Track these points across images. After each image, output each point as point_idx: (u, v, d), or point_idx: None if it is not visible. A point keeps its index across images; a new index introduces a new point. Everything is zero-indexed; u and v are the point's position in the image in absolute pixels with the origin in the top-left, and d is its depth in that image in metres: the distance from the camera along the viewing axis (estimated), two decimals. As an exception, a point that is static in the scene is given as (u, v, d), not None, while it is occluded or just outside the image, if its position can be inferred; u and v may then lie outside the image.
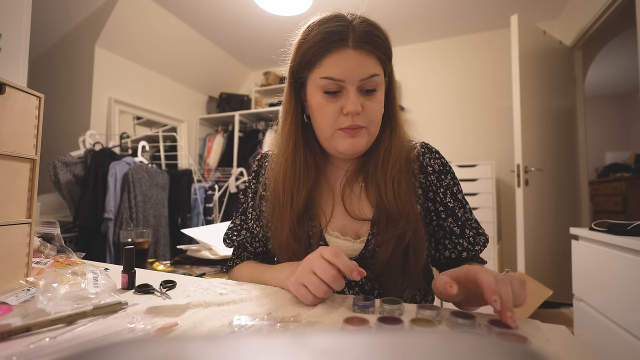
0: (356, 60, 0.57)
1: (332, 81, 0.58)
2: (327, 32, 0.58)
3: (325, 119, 0.61)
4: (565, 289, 1.79)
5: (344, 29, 0.57)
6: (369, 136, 0.62)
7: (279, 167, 0.67)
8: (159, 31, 2.82)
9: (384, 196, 0.62)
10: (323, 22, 0.60)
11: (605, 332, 1.09)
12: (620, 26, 2.55)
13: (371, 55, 0.58)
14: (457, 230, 0.65)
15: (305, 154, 0.66)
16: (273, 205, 0.67)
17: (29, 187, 0.61)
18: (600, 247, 1.15)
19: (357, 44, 0.57)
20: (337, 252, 0.49)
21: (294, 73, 0.64)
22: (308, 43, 0.60)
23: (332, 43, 0.57)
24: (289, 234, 0.64)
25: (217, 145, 3.58)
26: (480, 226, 0.69)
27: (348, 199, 0.67)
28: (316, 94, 0.61)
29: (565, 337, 0.39)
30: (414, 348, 0.13)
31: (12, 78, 0.98)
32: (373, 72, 0.58)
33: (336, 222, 0.67)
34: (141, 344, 0.13)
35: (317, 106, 0.61)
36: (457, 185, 0.69)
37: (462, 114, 3.06)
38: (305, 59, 0.61)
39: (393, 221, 0.61)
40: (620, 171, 3.86)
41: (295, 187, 0.65)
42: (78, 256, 0.78)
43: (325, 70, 0.58)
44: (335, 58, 0.58)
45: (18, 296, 0.49)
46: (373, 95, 0.60)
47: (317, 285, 0.48)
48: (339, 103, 0.59)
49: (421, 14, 2.75)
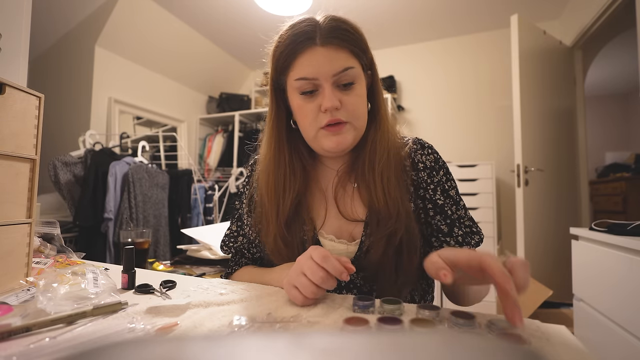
0: (325, 56, 0.58)
1: (305, 81, 0.59)
2: (295, 34, 0.59)
3: (305, 119, 0.61)
4: (565, 289, 1.79)
5: (311, 29, 0.59)
6: (355, 131, 0.62)
7: (262, 173, 0.67)
8: (159, 31, 2.82)
9: (373, 195, 0.62)
10: (292, 26, 0.61)
11: (605, 332, 1.09)
12: (620, 26, 2.55)
13: (341, 49, 0.59)
14: (444, 229, 0.64)
15: (290, 159, 0.66)
16: (261, 211, 0.68)
17: (29, 187, 0.61)
18: (600, 247, 1.15)
19: (324, 40, 0.58)
20: (326, 255, 0.48)
21: (273, 80, 0.65)
22: (280, 48, 0.61)
23: (300, 44, 0.58)
24: (278, 239, 0.64)
25: (217, 145, 3.58)
26: (474, 224, 0.66)
27: (341, 200, 0.66)
28: (295, 96, 0.62)
29: (565, 337, 0.39)
30: (414, 348, 0.13)
31: (12, 78, 0.98)
32: (345, 65, 0.59)
33: (330, 225, 0.66)
34: (141, 344, 0.13)
35: (297, 108, 0.62)
36: (451, 181, 0.67)
37: (462, 114, 3.06)
38: (279, 64, 0.62)
39: (383, 220, 0.61)
40: (620, 171, 3.86)
41: (281, 192, 0.64)
42: (78, 256, 0.78)
43: (297, 72, 0.59)
44: (306, 58, 0.58)
45: (18, 296, 0.49)
46: (351, 89, 0.60)
47: (307, 286, 0.48)
48: (317, 102, 0.60)
49: (421, 14, 2.75)
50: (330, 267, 0.48)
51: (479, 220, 2.47)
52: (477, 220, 2.56)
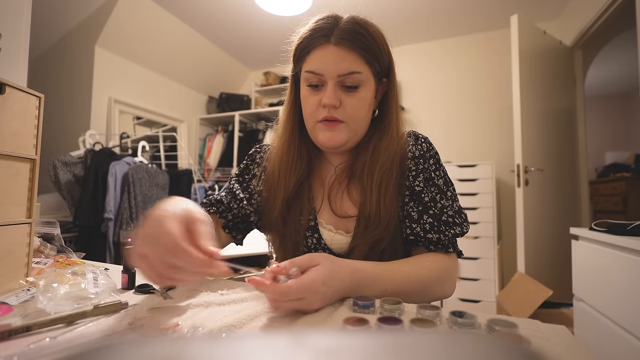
0: (335, 56, 0.60)
1: (313, 75, 0.62)
2: (314, 29, 0.62)
3: (307, 110, 0.65)
4: (565, 289, 1.79)
5: (330, 27, 0.61)
6: (349, 132, 0.64)
7: (276, 152, 0.71)
8: (159, 31, 2.82)
9: (368, 200, 0.63)
10: (316, 21, 0.64)
11: (605, 332, 1.09)
12: (620, 26, 2.55)
13: (352, 52, 0.60)
14: (414, 215, 0.64)
15: (299, 144, 0.69)
16: (269, 187, 0.71)
17: (29, 187, 0.61)
18: (600, 247, 1.15)
19: (338, 40, 0.60)
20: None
21: (293, 67, 0.68)
22: (300, 39, 0.64)
23: (316, 39, 0.61)
24: (279, 215, 0.67)
25: (217, 145, 3.58)
26: (459, 216, 0.65)
27: (333, 197, 0.69)
28: (303, 87, 0.65)
29: (565, 337, 0.39)
30: (414, 348, 0.13)
31: (12, 78, 0.98)
32: (352, 69, 0.60)
33: (328, 216, 0.69)
34: (141, 344, 0.13)
35: (303, 98, 0.66)
36: (439, 170, 0.67)
37: (462, 114, 3.06)
38: (297, 53, 0.65)
39: (371, 226, 0.62)
40: (620, 171, 3.86)
41: (288, 172, 0.68)
42: (78, 256, 0.78)
43: (308, 64, 0.62)
44: (318, 53, 0.61)
45: (18, 296, 0.49)
46: (354, 92, 0.62)
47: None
48: (319, 96, 0.62)
49: (421, 14, 2.75)
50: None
51: (478, 220, 2.47)
52: (476, 220, 2.56)
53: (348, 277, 0.50)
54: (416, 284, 0.57)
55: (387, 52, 0.65)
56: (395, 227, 0.64)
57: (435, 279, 0.59)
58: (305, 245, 0.69)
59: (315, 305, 0.45)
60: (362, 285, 0.51)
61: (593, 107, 4.72)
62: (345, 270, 0.50)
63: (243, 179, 0.75)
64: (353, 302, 0.47)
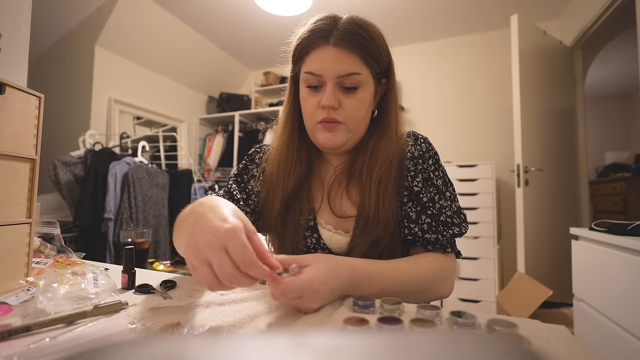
0: (334, 57, 0.60)
1: (312, 76, 0.62)
2: (313, 30, 0.62)
3: (306, 110, 0.65)
4: (565, 289, 1.79)
5: (329, 27, 0.61)
6: (347, 133, 0.64)
7: (275, 152, 0.71)
8: (159, 31, 2.82)
9: (367, 200, 0.63)
10: (315, 21, 0.63)
11: (605, 332, 1.09)
12: (620, 26, 2.55)
13: (351, 53, 0.60)
14: (413, 215, 0.64)
15: (299, 145, 0.70)
16: (268, 187, 0.71)
17: (29, 187, 0.61)
18: (600, 247, 1.15)
19: (337, 41, 0.60)
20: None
21: (292, 68, 0.68)
22: (299, 40, 0.64)
23: (315, 40, 0.61)
24: (278, 216, 0.68)
25: (217, 145, 3.58)
26: (458, 217, 0.65)
27: (333, 197, 0.69)
28: (302, 87, 0.65)
29: (565, 337, 0.39)
30: (414, 348, 0.13)
31: (12, 78, 0.98)
32: (350, 70, 0.60)
33: (327, 216, 0.69)
34: (141, 344, 0.13)
35: (302, 99, 0.66)
36: (438, 170, 0.67)
37: (462, 114, 3.06)
38: (296, 54, 0.65)
39: (370, 226, 0.62)
40: (620, 171, 3.86)
41: (287, 172, 0.68)
42: (78, 256, 0.77)
43: (307, 65, 0.62)
44: (316, 54, 0.61)
45: (18, 296, 0.49)
46: (353, 93, 0.62)
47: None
48: (318, 97, 0.63)
49: (421, 14, 2.75)
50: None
51: (478, 220, 2.47)
52: (476, 220, 2.56)
53: (345, 275, 0.50)
54: (414, 283, 0.57)
55: (387, 53, 0.65)
56: (394, 227, 0.64)
57: (433, 278, 0.59)
58: (304, 245, 0.69)
59: (314, 304, 0.45)
60: (359, 282, 0.51)
61: (593, 107, 4.72)
62: (342, 267, 0.50)
63: (241, 179, 0.75)
64: (353, 302, 0.47)
